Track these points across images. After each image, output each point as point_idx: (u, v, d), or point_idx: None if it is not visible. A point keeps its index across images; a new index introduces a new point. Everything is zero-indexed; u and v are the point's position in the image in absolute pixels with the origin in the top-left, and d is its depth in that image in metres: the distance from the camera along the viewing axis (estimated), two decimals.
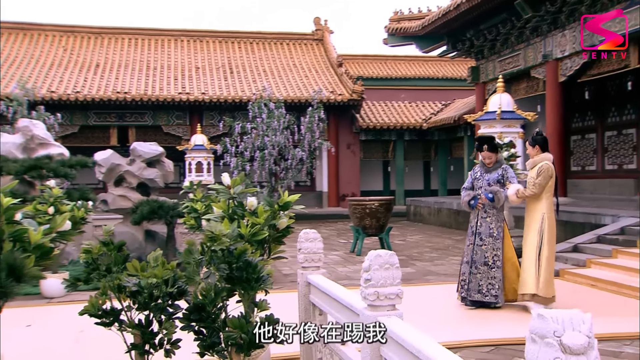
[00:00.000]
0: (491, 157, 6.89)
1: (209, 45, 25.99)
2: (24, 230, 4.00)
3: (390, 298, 2.63)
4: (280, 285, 8.46)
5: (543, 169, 6.47)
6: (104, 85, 21.43)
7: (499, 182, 6.81)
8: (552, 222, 6.54)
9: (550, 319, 1.40)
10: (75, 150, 14.71)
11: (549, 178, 6.47)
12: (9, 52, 23.58)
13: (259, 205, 4.20)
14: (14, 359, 4.83)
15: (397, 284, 2.65)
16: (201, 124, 21.19)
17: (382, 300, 2.63)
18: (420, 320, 5.79)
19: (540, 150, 6.65)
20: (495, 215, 6.77)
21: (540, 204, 6.51)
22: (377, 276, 2.63)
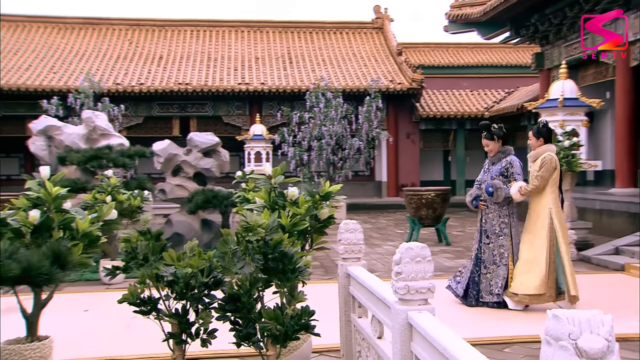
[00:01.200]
0: (488, 145, 6.40)
1: (268, 35, 26.14)
2: (72, 219, 4.10)
3: (421, 292, 2.55)
4: (332, 276, 8.42)
5: (546, 160, 6.09)
6: (167, 77, 21.89)
7: (502, 175, 6.32)
8: (561, 216, 6.16)
9: (566, 320, 1.30)
10: (140, 141, 15.11)
11: (553, 170, 6.09)
12: (79, 46, 24.40)
13: (300, 195, 4.16)
14: (67, 341, 4.99)
15: (428, 278, 2.56)
16: (260, 114, 21.39)
17: (413, 295, 2.55)
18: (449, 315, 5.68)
19: (543, 142, 6.27)
20: (497, 210, 6.31)
21: (545, 198, 6.11)
22: (407, 269, 2.54)
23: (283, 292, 3.46)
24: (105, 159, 8.94)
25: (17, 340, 4.18)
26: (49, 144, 10.56)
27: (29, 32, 25.11)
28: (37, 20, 25.81)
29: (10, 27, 25.18)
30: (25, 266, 3.21)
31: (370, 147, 17.87)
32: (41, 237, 4.04)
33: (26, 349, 4.03)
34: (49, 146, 10.56)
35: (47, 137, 10.53)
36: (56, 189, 4.10)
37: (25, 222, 4.00)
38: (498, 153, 6.38)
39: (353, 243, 3.91)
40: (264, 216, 3.90)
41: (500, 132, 6.38)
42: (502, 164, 6.35)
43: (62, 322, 5.74)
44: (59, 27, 25.59)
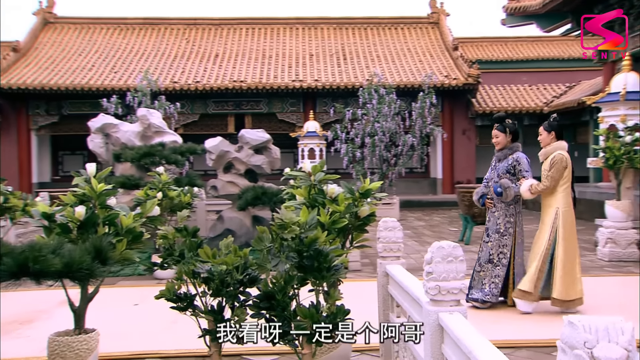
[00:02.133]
0: (498, 137, 6.14)
1: (323, 32, 26.15)
2: (116, 215, 4.18)
3: (453, 293, 2.47)
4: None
5: (556, 159, 5.84)
6: (222, 75, 22.20)
7: (509, 173, 6.07)
8: (568, 217, 5.86)
9: (582, 328, 1.21)
10: (196, 138, 15.38)
11: (563, 169, 5.84)
12: (139, 46, 25.04)
13: (339, 192, 4.13)
14: (115, 334, 5.11)
15: (460, 278, 2.48)
16: (314, 111, 21.43)
17: (444, 295, 2.47)
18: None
19: (555, 138, 5.99)
20: (503, 209, 6.07)
21: (554, 198, 5.87)
22: (438, 269, 2.48)
23: (318, 290, 3.43)
24: (157, 156, 9.12)
25: (66, 333, 4.30)
26: (106, 141, 10.86)
27: (92, 33, 25.93)
28: (100, 22, 26.64)
29: (76, 29, 26.08)
30: (68, 261, 3.28)
31: (424, 144, 17.64)
32: (87, 233, 4.14)
33: (73, 341, 4.14)
34: (106, 143, 10.85)
35: (104, 134, 10.83)
36: (101, 185, 4.19)
37: (72, 218, 4.11)
38: (505, 149, 6.14)
39: (392, 241, 3.85)
40: (302, 214, 3.88)
41: (513, 127, 6.21)
42: (508, 161, 6.12)
43: (113, 316, 5.89)
44: (121, 28, 26.32)
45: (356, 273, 8.35)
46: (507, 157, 6.13)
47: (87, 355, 4.16)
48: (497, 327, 5.39)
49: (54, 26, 26.05)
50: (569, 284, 5.75)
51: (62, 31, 25.87)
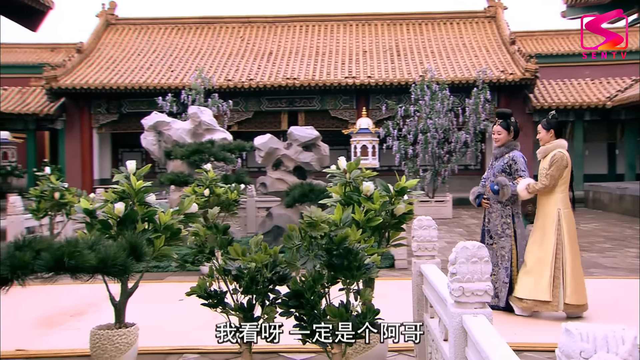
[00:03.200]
0: (500, 134, 5.90)
1: (376, 28, 25.98)
2: (154, 212, 4.25)
3: (477, 295, 2.39)
4: None
5: (556, 158, 5.59)
6: (275, 72, 22.35)
7: (505, 172, 5.84)
8: (570, 218, 5.62)
9: (579, 336, 1.14)
10: (250, 135, 15.51)
11: (563, 168, 5.58)
12: (195, 45, 25.48)
13: (375, 190, 4.08)
14: (156, 329, 5.21)
15: (485, 280, 2.40)
16: (367, 108, 21.31)
17: (469, 297, 2.40)
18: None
19: (554, 136, 5.75)
20: (500, 210, 5.84)
21: (554, 198, 5.61)
22: (462, 270, 2.40)
23: (349, 289, 3.40)
24: (206, 153, 9.25)
25: (107, 326, 4.41)
26: (159, 138, 11.09)
27: (151, 33, 26.55)
28: (158, 22, 27.26)
29: (135, 30, 26.77)
30: (103, 257, 3.36)
31: (478, 140, 17.30)
32: (126, 229, 4.23)
33: (114, 334, 4.24)
34: (159, 141, 11.08)
35: (157, 132, 11.06)
36: (139, 183, 4.27)
37: (112, 215, 4.21)
38: (502, 147, 5.92)
39: (427, 240, 3.77)
40: (336, 211, 3.86)
41: (516, 125, 6.01)
42: (504, 160, 5.89)
43: (157, 311, 6.00)
44: (178, 27, 26.86)
45: (402, 271, 8.26)
46: (504, 156, 5.92)
47: (126, 348, 4.26)
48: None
49: (115, 27, 26.81)
50: (578, 288, 5.53)
51: (122, 32, 26.59)
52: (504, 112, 6.12)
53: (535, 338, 4.94)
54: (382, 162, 20.86)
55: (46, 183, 8.46)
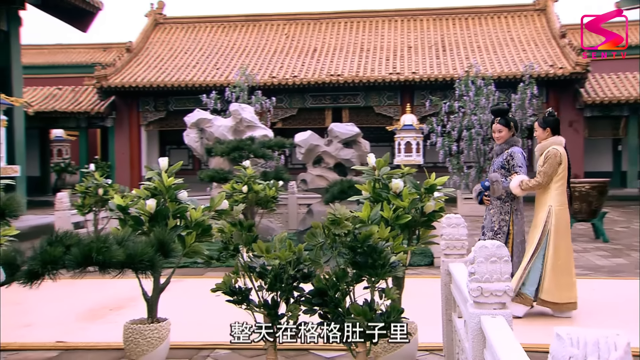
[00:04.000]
0: (501, 132, 5.79)
1: (422, 23, 25.69)
2: (185, 208, 4.29)
3: (496, 295, 2.33)
4: None
5: (550, 154, 5.46)
6: (319, 69, 22.36)
7: (504, 168, 5.70)
8: (561, 216, 5.43)
9: (570, 341, 1.08)
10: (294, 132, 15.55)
11: (557, 165, 5.42)
12: (240, 42, 25.73)
13: (404, 187, 4.02)
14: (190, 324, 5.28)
15: (505, 280, 2.33)
16: (412, 104, 21.14)
17: (487, 297, 2.34)
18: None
19: (551, 133, 5.61)
20: (498, 207, 5.68)
21: (547, 195, 5.47)
22: (481, 270, 2.34)
23: (374, 287, 3.36)
24: (246, 150, 9.32)
25: (140, 321, 4.48)
26: (201, 136, 11.23)
27: (198, 32, 26.93)
28: (205, 20, 27.62)
29: (182, 29, 27.20)
30: (131, 252, 3.41)
31: (524, 137, 16.89)
32: (157, 225, 4.29)
33: (145, 329, 4.31)
34: (201, 138, 11.22)
35: (199, 129, 11.21)
36: (170, 179, 4.32)
37: (143, 211, 4.27)
38: (503, 144, 5.81)
39: (455, 238, 3.70)
40: (364, 209, 3.82)
41: (516, 120, 5.93)
42: (503, 156, 5.77)
43: (193, 306, 6.07)
44: (224, 25, 27.15)
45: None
46: (504, 152, 5.82)
47: (158, 343, 4.32)
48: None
49: (163, 27, 27.29)
50: (560, 286, 5.39)
51: (170, 31, 27.05)
52: (501, 109, 6.06)
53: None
54: (426, 159, 20.62)
55: (90, 179, 8.67)
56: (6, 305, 6.27)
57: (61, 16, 15.26)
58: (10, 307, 6.21)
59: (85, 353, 4.73)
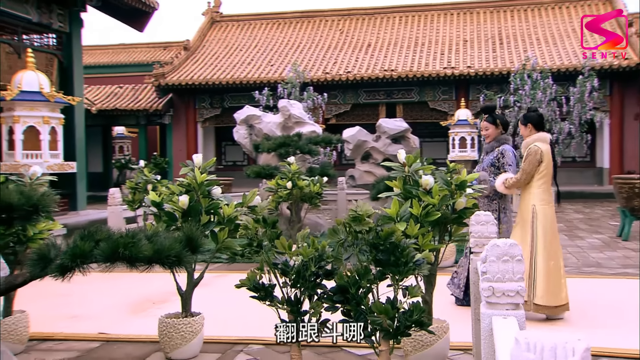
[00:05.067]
0: (488, 129, 5.76)
1: (479, 16, 25.16)
2: (217, 204, 4.34)
3: (508, 295, 2.25)
4: None
5: (530, 152, 5.31)
6: (373, 64, 22.23)
7: (494, 166, 5.63)
8: (546, 215, 5.27)
9: (526, 346, 1.04)
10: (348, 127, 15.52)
11: (537, 163, 5.27)
12: (295, 39, 25.86)
13: (435, 184, 3.95)
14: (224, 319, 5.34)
15: (517, 280, 2.25)
16: (467, 99, 20.76)
17: (499, 298, 2.26)
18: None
19: (533, 130, 5.43)
20: (486, 205, 5.62)
21: (530, 194, 5.34)
22: (493, 269, 2.27)
23: (397, 285, 3.31)
24: (292, 146, 9.35)
25: (174, 315, 4.57)
26: (250, 132, 11.34)
27: (253, 29, 27.23)
28: (260, 17, 27.90)
29: (238, 26, 27.57)
30: (158, 248, 3.45)
31: (583, 131, 16.34)
32: (190, 221, 4.35)
33: (179, 323, 4.39)
34: (250, 134, 11.33)
35: (248, 125, 11.32)
36: (203, 176, 4.38)
37: (176, 207, 4.34)
38: (493, 141, 5.76)
39: (484, 236, 3.60)
40: (393, 205, 3.77)
41: (503, 118, 5.91)
42: (494, 154, 5.72)
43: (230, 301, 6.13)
44: (279, 22, 27.35)
45: None
46: (494, 150, 5.77)
47: (191, 337, 4.39)
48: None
49: (219, 25, 27.72)
50: (552, 288, 5.19)
51: (226, 29, 27.44)
52: (488, 106, 6.10)
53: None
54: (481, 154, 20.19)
55: (140, 175, 8.89)
56: (57, 297, 6.52)
57: (119, 17, 15.67)
58: (61, 299, 6.45)
59: (125, 345, 4.86)
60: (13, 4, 12.22)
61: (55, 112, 9.39)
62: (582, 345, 1.03)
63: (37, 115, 9.11)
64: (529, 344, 1.05)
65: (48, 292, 6.27)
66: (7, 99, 9.06)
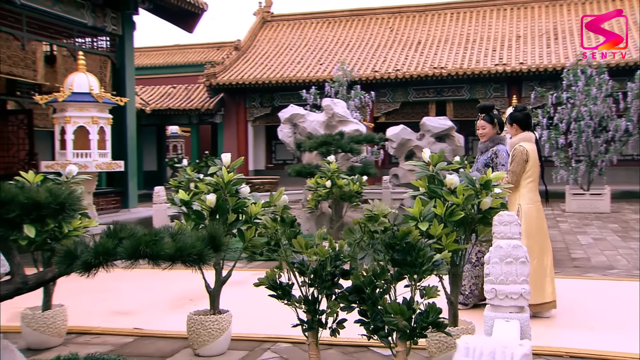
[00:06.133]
0: (485, 128, 5.63)
1: (533, 11, 24.55)
2: (244, 203, 4.38)
3: (512, 298, 2.21)
4: (559, 269, 7.66)
5: (515, 152, 5.23)
6: (422, 62, 21.99)
7: (487, 166, 5.47)
8: (530, 215, 5.18)
9: (465, 351, 1.03)
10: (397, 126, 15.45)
11: (524, 163, 5.20)
12: (345, 37, 25.84)
13: (459, 183, 3.88)
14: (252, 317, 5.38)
15: (521, 282, 2.19)
16: (519, 96, 20.31)
17: (502, 300, 2.22)
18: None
19: (519, 129, 5.36)
20: None
21: (517, 194, 5.24)
22: (495, 271, 2.23)
23: (415, 285, 3.26)
24: (333, 145, 9.34)
25: (203, 312, 4.64)
26: (294, 131, 11.40)
27: (303, 28, 27.36)
28: (310, 16, 28.01)
29: (289, 25, 27.75)
30: (180, 246, 3.51)
31: None
32: (217, 219, 4.41)
33: (207, 320, 4.45)
34: (294, 133, 11.39)
35: (292, 124, 11.38)
36: (230, 175, 4.42)
37: (204, 206, 4.40)
38: (487, 142, 5.64)
39: (507, 237, 3.49)
40: (416, 205, 3.73)
41: (500, 118, 5.76)
42: (488, 154, 5.61)
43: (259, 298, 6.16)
44: (329, 21, 27.39)
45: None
46: (488, 150, 5.65)
47: (218, 334, 4.45)
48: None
49: (270, 24, 27.97)
50: (536, 286, 5.00)
51: (277, 28, 27.67)
52: (486, 105, 5.92)
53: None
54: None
55: (183, 174, 9.04)
56: (102, 292, 6.72)
57: (169, 18, 16.02)
58: (106, 294, 6.65)
59: (157, 340, 4.96)
60: (70, 9, 12.66)
61: (103, 112, 9.67)
62: (521, 350, 1.01)
63: (87, 116, 9.40)
64: (468, 349, 1.04)
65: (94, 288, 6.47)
66: (59, 100, 9.39)
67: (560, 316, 5.42)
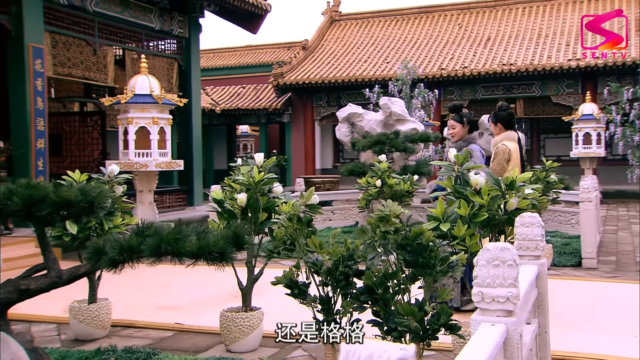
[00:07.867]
0: (455, 128, 5.56)
1: (612, 3, 23.44)
2: (274, 202, 4.44)
3: (498, 302, 2.13)
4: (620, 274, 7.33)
5: (497, 151, 5.20)
6: (491, 58, 21.46)
7: None
8: None
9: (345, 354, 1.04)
10: None
11: (505, 162, 5.15)
12: (412, 35, 25.57)
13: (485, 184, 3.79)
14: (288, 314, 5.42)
15: (508, 285, 2.12)
16: (595, 92, 19.51)
17: (489, 304, 2.15)
18: None
19: (503, 129, 5.34)
20: None
21: None
22: (482, 274, 2.16)
23: (426, 287, 3.22)
24: (387, 144, 9.29)
25: (235, 309, 4.73)
26: (352, 130, 11.40)
27: (371, 27, 27.27)
28: (378, 15, 27.89)
29: (356, 24, 27.74)
30: (203, 244, 3.60)
31: None
32: (248, 218, 4.48)
33: (237, 317, 4.54)
34: (352, 132, 11.39)
35: (350, 123, 11.39)
36: (260, 174, 4.48)
37: (236, 205, 4.49)
38: (460, 141, 5.55)
39: (529, 239, 3.38)
40: (438, 206, 3.68)
41: (470, 117, 5.73)
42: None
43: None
44: (397, 18, 27.17)
45: (588, 271, 7.46)
46: (461, 149, 5.37)
47: (249, 331, 4.52)
48: None
49: (338, 23, 28.03)
50: None
51: (344, 27, 27.70)
52: (455, 105, 5.97)
53: None
54: (615, 151, 18.99)
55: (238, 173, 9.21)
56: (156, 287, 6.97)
57: (234, 20, 16.36)
58: (159, 289, 6.88)
59: (195, 335, 5.09)
60: (139, 14, 13.16)
61: (163, 113, 9.98)
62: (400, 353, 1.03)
63: (147, 117, 9.74)
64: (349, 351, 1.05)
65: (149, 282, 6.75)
66: (122, 102, 9.77)
67: (610, 322, 5.19)
